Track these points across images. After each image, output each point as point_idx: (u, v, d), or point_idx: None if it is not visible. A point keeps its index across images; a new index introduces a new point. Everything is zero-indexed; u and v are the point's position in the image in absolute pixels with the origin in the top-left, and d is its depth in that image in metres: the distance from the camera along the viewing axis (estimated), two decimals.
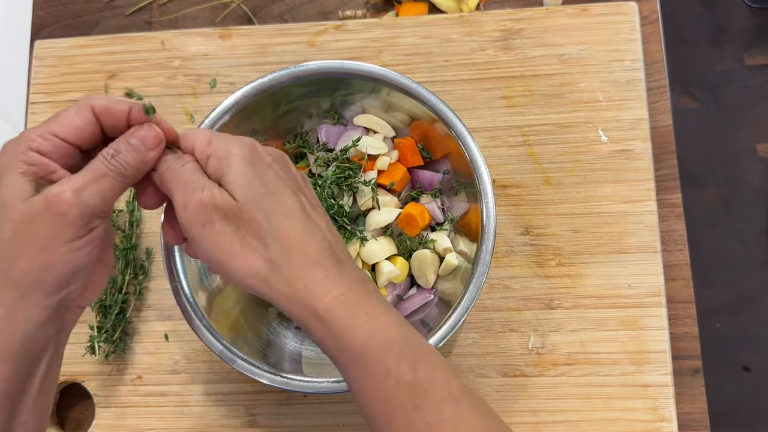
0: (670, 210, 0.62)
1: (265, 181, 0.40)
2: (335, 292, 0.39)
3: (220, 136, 0.42)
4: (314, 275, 0.39)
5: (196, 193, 0.40)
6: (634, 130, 0.61)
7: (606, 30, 0.63)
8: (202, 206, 0.39)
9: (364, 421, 0.58)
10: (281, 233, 0.39)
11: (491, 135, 0.62)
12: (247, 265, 0.39)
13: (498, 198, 0.61)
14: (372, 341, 0.38)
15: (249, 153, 0.41)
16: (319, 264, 0.39)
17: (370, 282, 0.41)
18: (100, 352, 0.60)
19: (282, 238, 0.39)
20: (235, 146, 0.41)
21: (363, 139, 0.57)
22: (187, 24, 0.70)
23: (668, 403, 0.56)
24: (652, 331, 0.58)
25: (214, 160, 0.41)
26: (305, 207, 0.41)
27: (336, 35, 0.65)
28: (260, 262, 0.39)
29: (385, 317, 0.39)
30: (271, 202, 0.40)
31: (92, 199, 0.38)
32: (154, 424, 0.59)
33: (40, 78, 0.67)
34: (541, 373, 0.58)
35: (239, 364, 0.51)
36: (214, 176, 0.41)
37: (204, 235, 0.40)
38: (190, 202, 0.40)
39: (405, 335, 0.40)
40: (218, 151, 0.41)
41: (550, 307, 0.59)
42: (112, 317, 0.60)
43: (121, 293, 0.61)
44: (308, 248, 0.40)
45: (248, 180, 0.40)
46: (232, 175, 0.40)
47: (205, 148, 0.41)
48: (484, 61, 0.64)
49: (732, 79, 1.38)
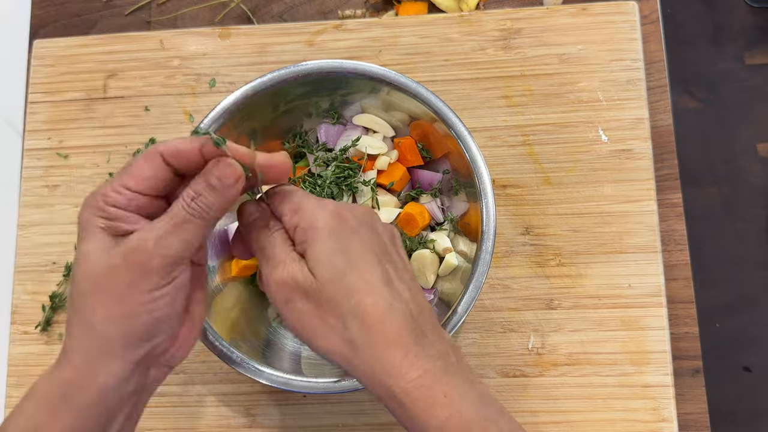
0: (670, 210, 0.62)
1: (348, 254, 0.39)
2: (413, 374, 0.38)
3: (308, 201, 0.41)
4: (393, 356, 0.38)
5: (277, 269, 0.39)
6: (634, 130, 0.61)
7: (606, 29, 0.63)
8: (283, 284, 0.39)
9: (363, 421, 0.58)
10: (361, 312, 0.39)
11: (491, 134, 0.62)
12: (328, 344, 0.39)
13: (498, 198, 0.61)
14: (449, 423, 0.38)
15: (334, 223, 0.40)
16: (398, 343, 0.38)
17: (452, 354, 0.40)
18: None
19: (361, 318, 0.39)
20: (319, 217, 0.40)
21: (362, 138, 0.57)
22: (186, 23, 0.70)
23: (668, 404, 0.56)
24: (652, 332, 0.57)
25: (300, 231, 0.40)
26: (389, 277, 0.40)
27: (335, 35, 0.65)
28: (340, 342, 0.39)
29: (464, 399, 0.38)
30: (352, 279, 0.39)
31: (174, 247, 0.37)
32: (153, 425, 0.59)
33: (39, 77, 0.67)
34: (541, 374, 0.58)
35: (238, 364, 0.51)
36: (299, 248, 0.40)
37: (286, 312, 0.40)
38: (272, 279, 0.40)
39: (485, 416, 0.38)
40: (303, 222, 0.40)
41: (550, 307, 0.59)
42: None
43: None
44: (388, 326, 0.39)
45: (329, 257, 0.39)
46: (314, 252, 0.39)
47: (292, 217, 0.41)
48: (483, 60, 0.63)
49: (732, 78, 1.38)
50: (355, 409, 0.58)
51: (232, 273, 0.58)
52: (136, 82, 0.66)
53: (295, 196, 0.41)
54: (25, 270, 0.63)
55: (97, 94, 0.66)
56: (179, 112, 0.65)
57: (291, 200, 0.41)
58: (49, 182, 0.65)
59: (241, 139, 0.57)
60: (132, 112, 0.65)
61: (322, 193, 0.55)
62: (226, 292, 0.57)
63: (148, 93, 0.65)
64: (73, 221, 0.63)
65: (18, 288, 0.63)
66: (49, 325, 0.62)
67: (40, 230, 0.63)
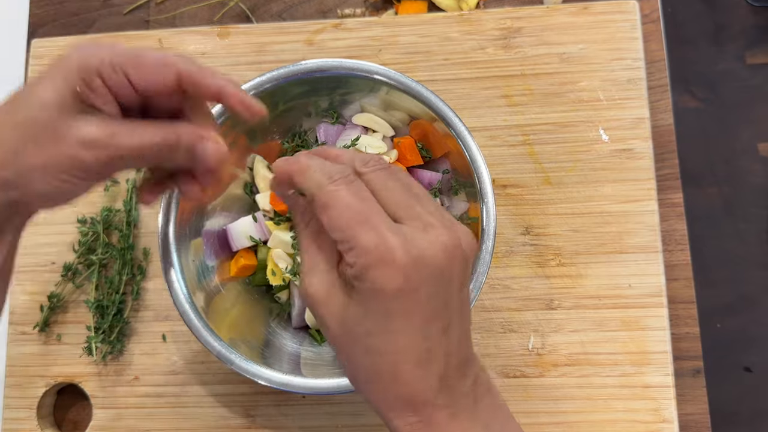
0: (671, 209, 0.62)
1: (389, 317, 0.35)
2: (413, 419, 0.35)
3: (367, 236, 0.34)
4: (400, 412, 0.35)
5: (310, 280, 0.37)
6: (634, 129, 0.61)
7: (607, 28, 0.63)
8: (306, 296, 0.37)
9: (363, 422, 0.58)
10: (376, 372, 0.36)
11: (491, 134, 0.62)
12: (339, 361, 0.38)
13: (498, 197, 0.60)
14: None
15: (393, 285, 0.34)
16: (408, 406, 0.35)
17: (471, 394, 0.37)
18: (97, 353, 0.59)
19: (376, 376, 0.36)
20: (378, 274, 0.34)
21: (362, 138, 0.57)
22: (185, 22, 0.70)
23: (669, 404, 0.56)
24: (652, 332, 0.57)
25: (350, 268, 0.35)
26: (432, 335, 0.35)
27: (335, 34, 0.65)
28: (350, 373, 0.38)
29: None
30: (377, 342, 0.35)
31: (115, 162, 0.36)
32: (151, 425, 0.59)
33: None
34: (541, 374, 0.57)
35: (237, 364, 0.50)
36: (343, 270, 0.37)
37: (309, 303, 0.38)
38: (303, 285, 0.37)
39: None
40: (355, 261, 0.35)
41: (550, 307, 0.58)
42: (110, 318, 0.59)
43: (119, 293, 0.60)
44: (403, 389, 0.35)
45: (361, 318, 0.35)
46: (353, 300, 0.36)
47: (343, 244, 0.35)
48: (483, 59, 0.63)
49: (733, 78, 1.38)
50: (354, 410, 0.58)
51: (231, 273, 0.58)
52: None
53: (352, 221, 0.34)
54: (24, 270, 0.63)
55: None
56: None
57: (342, 222, 0.35)
58: None
59: (240, 139, 0.57)
60: None
61: None
62: (225, 293, 0.56)
63: None
64: (71, 221, 0.63)
65: (17, 288, 0.62)
66: (48, 326, 0.61)
67: (39, 230, 0.63)
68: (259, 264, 0.58)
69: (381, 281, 0.34)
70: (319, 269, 0.37)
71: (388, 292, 0.34)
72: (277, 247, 0.56)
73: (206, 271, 0.56)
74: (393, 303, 0.34)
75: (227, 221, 0.59)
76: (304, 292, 0.37)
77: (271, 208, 0.57)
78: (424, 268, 0.34)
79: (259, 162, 0.59)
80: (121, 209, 0.63)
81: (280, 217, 0.57)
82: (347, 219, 0.34)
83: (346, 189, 0.35)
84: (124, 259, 0.61)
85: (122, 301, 0.61)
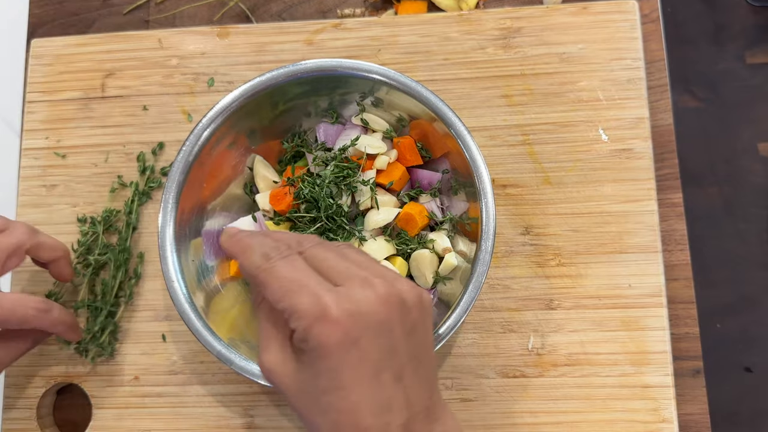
0: (670, 209, 0.61)
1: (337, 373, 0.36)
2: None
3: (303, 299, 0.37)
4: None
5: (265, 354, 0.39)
6: (634, 129, 0.61)
7: (606, 28, 0.63)
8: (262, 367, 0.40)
9: None
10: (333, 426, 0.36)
11: (491, 134, 0.62)
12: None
13: (497, 197, 0.60)
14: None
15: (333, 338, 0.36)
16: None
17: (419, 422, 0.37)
18: (89, 355, 0.59)
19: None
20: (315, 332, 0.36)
21: (361, 138, 0.57)
22: (185, 22, 0.70)
23: (669, 404, 0.56)
24: (652, 332, 0.57)
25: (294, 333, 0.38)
26: (385, 384, 0.36)
27: (334, 34, 0.65)
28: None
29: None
30: (331, 399, 0.36)
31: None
32: (151, 425, 0.59)
33: (37, 77, 0.67)
34: (540, 374, 0.57)
35: (237, 364, 0.50)
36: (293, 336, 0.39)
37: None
38: (259, 359, 0.40)
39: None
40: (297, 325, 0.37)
41: (550, 307, 0.58)
42: (101, 319, 0.59)
43: (112, 296, 0.60)
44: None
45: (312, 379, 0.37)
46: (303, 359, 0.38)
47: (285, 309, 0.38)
48: (483, 59, 0.63)
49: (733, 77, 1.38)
50: None
51: (230, 273, 0.58)
52: (134, 81, 0.66)
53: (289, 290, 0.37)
54: (23, 270, 0.63)
55: (95, 94, 0.66)
56: (177, 111, 0.65)
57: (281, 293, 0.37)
58: (47, 182, 0.64)
59: (239, 139, 0.57)
60: (130, 112, 0.65)
61: (320, 192, 0.55)
62: (225, 293, 0.56)
63: (147, 92, 0.65)
64: (71, 221, 0.63)
65: (15, 288, 0.63)
66: None
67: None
68: None
69: (321, 338, 0.35)
70: (273, 343, 0.39)
71: (330, 348, 0.35)
72: None
73: (206, 271, 0.56)
74: (337, 357, 0.35)
75: (227, 221, 0.59)
76: (261, 366, 0.39)
77: (270, 208, 0.57)
78: (361, 320, 0.36)
79: (259, 162, 0.59)
80: (121, 210, 0.63)
81: (280, 217, 0.57)
82: (285, 289, 0.37)
83: (282, 263, 0.38)
84: (119, 261, 0.61)
85: (114, 304, 0.60)
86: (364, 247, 0.55)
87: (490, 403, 0.57)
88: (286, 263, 0.38)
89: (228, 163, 0.58)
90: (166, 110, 0.65)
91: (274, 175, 0.59)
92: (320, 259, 0.39)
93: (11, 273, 0.63)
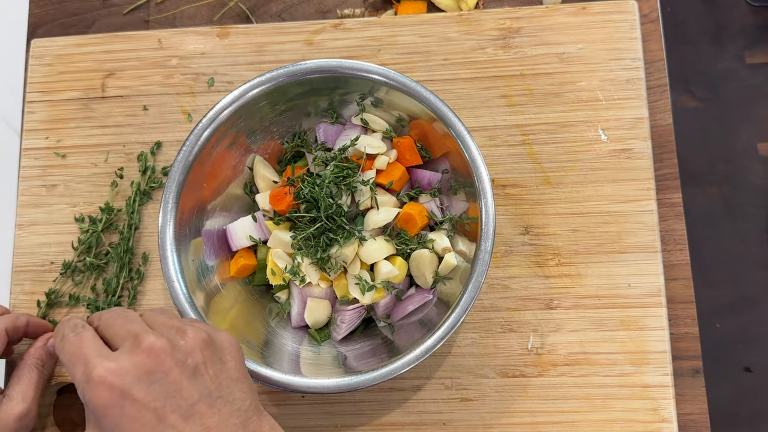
0: (670, 209, 0.62)
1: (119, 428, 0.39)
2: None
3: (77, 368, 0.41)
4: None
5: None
6: (634, 129, 0.61)
7: (606, 28, 0.63)
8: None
9: (362, 422, 0.58)
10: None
11: (490, 134, 0.62)
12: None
13: (497, 197, 0.60)
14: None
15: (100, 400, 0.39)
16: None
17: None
18: None
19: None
20: (86, 398, 0.40)
21: (361, 138, 0.57)
22: (185, 22, 0.70)
23: (668, 404, 0.56)
24: (651, 332, 0.57)
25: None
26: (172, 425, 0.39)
27: (334, 34, 0.65)
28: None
29: None
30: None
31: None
32: None
33: (37, 77, 0.67)
34: (540, 374, 0.57)
35: None
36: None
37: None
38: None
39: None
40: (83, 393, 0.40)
41: (549, 307, 0.58)
42: None
43: (115, 296, 0.60)
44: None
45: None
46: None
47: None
48: (483, 59, 0.63)
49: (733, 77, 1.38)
50: (354, 410, 0.58)
51: (230, 273, 0.58)
52: (134, 81, 0.66)
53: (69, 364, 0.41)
54: (23, 270, 0.63)
55: (95, 94, 0.66)
56: (177, 111, 0.65)
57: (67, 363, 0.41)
58: (47, 182, 0.64)
59: (239, 139, 0.57)
60: (130, 112, 0.65)
61: (321, 192, 0.55)
62: (225, 292, 0.56)
63: (147, 92, 0.65)
64: (71, 221, 0.63)
65: (16, 288, 0.63)
66: None
67: (38, 230, 0.63)
68: (259, 264, 0.58)
69: (93, 399, 0.39)
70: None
71: (105, 406, 0.39)
72: (276, 246, 0.56)
73: (206, 271, 0.56)
74: (115, 412, 0.38)
75: (227, 221, 0.59)
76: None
77: (270, 208, 0.57)
78: (127, 375, 0.39)
79: (259, 162, 0.59)
80: (122, 209, 0.63)
81: (280, 217, 0.57)
82: (69, 363, 0.41)
83: (70, 339, 0.42)
84: (122, 261, 0.61)
85: (118, 304, 0.60)
86: (364, 247, 0.55)
87: (490, 402, 0.57)
88: (74, 338, 0.42)
89: (228, 163, 0.58)
90: (166, 110, 0.65)
91: (274, 175, 0.59)
92: (105, 327, 0.43)
93: (11, 273, 0.63)
